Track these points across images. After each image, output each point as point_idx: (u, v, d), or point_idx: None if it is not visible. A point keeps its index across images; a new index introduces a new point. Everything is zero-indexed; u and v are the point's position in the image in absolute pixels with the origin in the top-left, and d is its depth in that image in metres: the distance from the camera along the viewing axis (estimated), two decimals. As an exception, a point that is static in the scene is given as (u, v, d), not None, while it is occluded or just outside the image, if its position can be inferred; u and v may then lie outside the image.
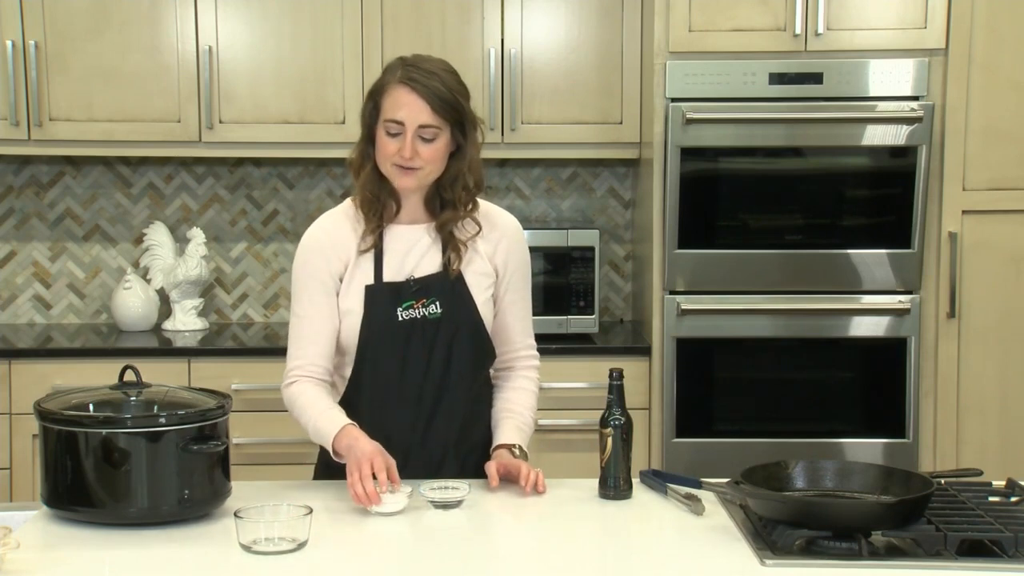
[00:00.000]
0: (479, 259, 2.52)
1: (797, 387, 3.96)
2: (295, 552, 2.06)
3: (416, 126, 2.39)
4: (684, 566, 2.07)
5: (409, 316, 2.46)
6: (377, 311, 2.45)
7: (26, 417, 3.70)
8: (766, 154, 3.89)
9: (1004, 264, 3.89)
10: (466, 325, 2.49)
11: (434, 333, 2.47)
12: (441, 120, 2.41)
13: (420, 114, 2.39)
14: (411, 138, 2.39)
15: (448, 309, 2.47)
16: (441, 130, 2.41)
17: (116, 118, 4.09)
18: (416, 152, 2.39)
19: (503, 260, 2.54)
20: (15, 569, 1.95)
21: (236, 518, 2.09)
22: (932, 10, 3.81)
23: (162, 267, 4.32)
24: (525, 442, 2.53)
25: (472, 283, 2.50)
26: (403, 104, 2.40)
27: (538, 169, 4.51)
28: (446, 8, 4.10)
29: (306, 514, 2.10)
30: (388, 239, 2.49)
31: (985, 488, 2.36)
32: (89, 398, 2.26)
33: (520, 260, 2.58)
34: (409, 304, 2.46)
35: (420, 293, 2.46)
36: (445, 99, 2.41)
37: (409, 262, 2.48)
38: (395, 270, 2.48)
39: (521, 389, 2.60)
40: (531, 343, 2.63)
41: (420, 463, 2.48)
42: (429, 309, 2.46)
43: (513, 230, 2.58)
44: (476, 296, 2.50)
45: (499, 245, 2.54)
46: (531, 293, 2.64)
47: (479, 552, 2.13)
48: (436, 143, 2.41)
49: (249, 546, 2.07)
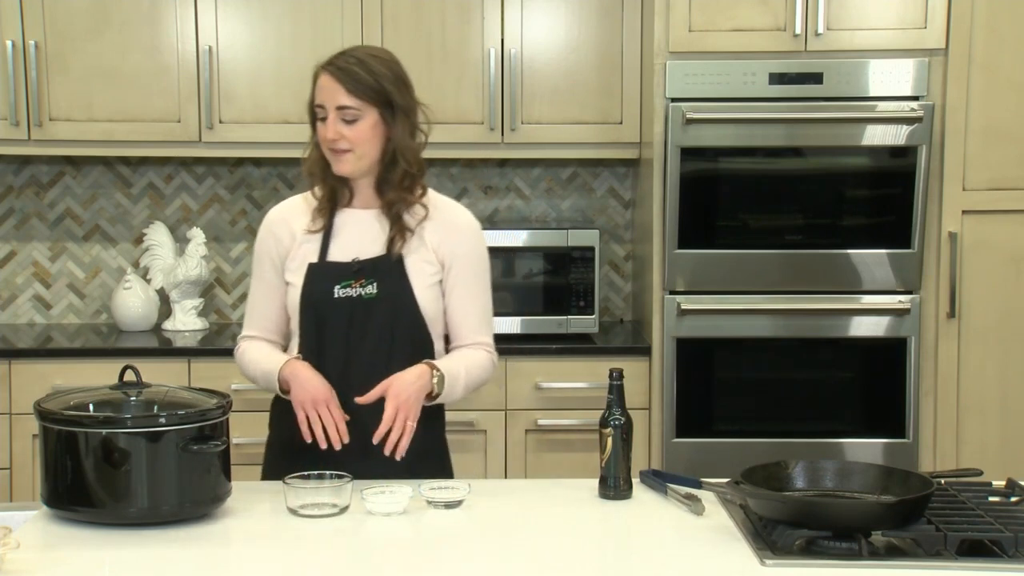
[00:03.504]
0: (424, 248, 2.55)
1: (797, 387, 3.96)
2: (338, 516, 2.25)
3: (334, 107, 2.48)
4: (684, 566, 2.07)
5: (345, 295, 2.51)
6: (315, 288, 2.53)
7: (26, 417, 3.70)
8: (766, 154, 3.89)
9: (1004, 264, 3.90)
10: (402, 307, 2.51)
11: (368, 312, 2.50)
12: (359, 102, 2.48)
13: (336, 95, 2.48)
14: (331, 119, 2.49)
15: (383, 290, 2.51)
16: (362, 112, 2.49)
17: (116, 118, 4.09)
18: (340, 134, 2.48)
19: (450, 252, 2.56)
20: (15, 569, 1.95)
21: (285, 484, 2.26)
22: (932, 10, 3.81)
23: (162, 267, 4.32)
24: (454, 377, 2.49)
25: (413, 268, 2.53)
26: (322, 88, 2.51)
27: (538, 169, 4.51)
28: (446, 8, 4.10)
29: (348, 481, 2.27)
30: (340, 222, 2.57)
31: (985, 488, 2.36)
32: (89, 398, 2.26)
33: (468, 255, 2.59)
34: (347, 283, 2.52)
35: (360, 273, 2.52)
36: (362, 81, 2.48)
37: (357, 244, 2.55)
38: (342, 251, 2.54)
39: (473, 352, 2.59)
40: (483, 340, 2.61)
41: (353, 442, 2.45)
42: (366, 289, 2.51)
43: (464, 225, 2.61)
44: (415, 281, 2.52)
45: (447, 238, 2.57)
46: (487, 291, 2.62)
47: (479, 552, 2.13)
48: (359, 124, 2.49)
49: (296, 510, 2.25)
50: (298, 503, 2.26)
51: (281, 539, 2.16)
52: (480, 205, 4.51)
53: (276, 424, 2.64)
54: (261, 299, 2.64)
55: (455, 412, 3.83)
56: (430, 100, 4.04)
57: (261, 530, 2.21)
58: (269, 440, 2.68)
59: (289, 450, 2.53)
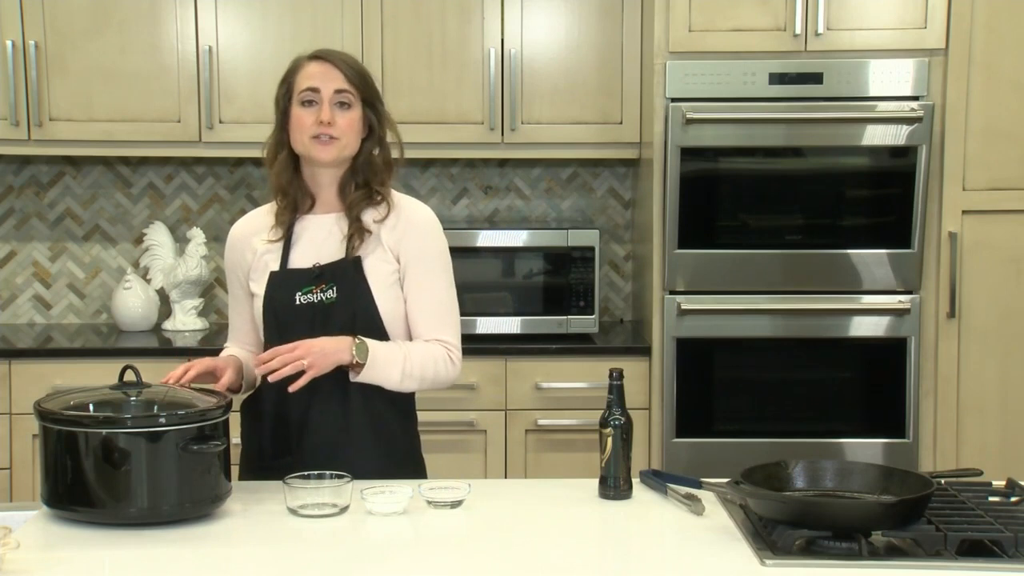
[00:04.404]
0: (382, 248, 2.53)
1: (797, 387, 3.96)
2: (338, 516, 2.24)
3: (332, 91, 2.49)
4: (684, 566, 2.07)
5: (307, 300, 2.50)
6: (277, 296, 2.52)
7: (26, 417, 3.70)
8: (766, 154, 3.89)
9: (1004, 264, 3.90)
10: (361, 309, 2.49)
11: (328, 317, 2.48)
12: (354, 90, 2.50)
13: (334, 80, 2.50)
14: (328, 102, 2.49)
15: (343, 293, 2.49)
16: (355, 100, 2.50)
17: (116, 118, 4.09)
18: (333, 118, 2.48)
19: (404, 249, 2.54)
20: (15, 569, 1.95)
21: (285, 484, 2.26)
22: (932, 10, 3.81)
23: (162, 267, 4.32)
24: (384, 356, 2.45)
25: (371, 269, 2.51)
26: (316, 73, 2.51)
27: (538, 169, 4.51)
28: (446, 8, 4.10)
29: (348, 481, 2.27)
30: (300, 228, 2.56)
31: (985, 488, 2.35)
32: (89, 398, 2.26)
33: (422, 251, 2.55)
34: (309, 289, 2.51)
35: (321, 279, 2.50)
36: (357, 71, 2.53)
37: (318, 250, 2.53)
38: (303, 258, 2.53)
39: (425, 344, 2.53)
40: (442, 338, 2.54)
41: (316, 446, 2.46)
42: (327, 294, 2.50)
43: (420, 221, 2.58)
44: (373, 282, 2.50)
45: (403, 236, 2.54)
46: (448, 288, 2.57)
47: (479, 552, 2.13)
48: (352, 112, 2.51)
49: (296, 510, 2.25)
50: (298, 503, 2.26)
51: (281, 539, 2.16)
52: (480, 205, 4.51)
53: (244, 435, 2.61)
54: (233, 311, 2.68)
55: (455, 412, 3.86)
56: (430, 100, 4.11)
57: (261, 530, 2.21)
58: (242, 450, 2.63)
59: (257, 464, 2.54)
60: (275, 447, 2.51)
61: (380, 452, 2.52)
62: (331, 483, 2.29)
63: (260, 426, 2.53)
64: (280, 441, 2.51)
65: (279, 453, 2.50)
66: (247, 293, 2.60)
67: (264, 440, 2.53)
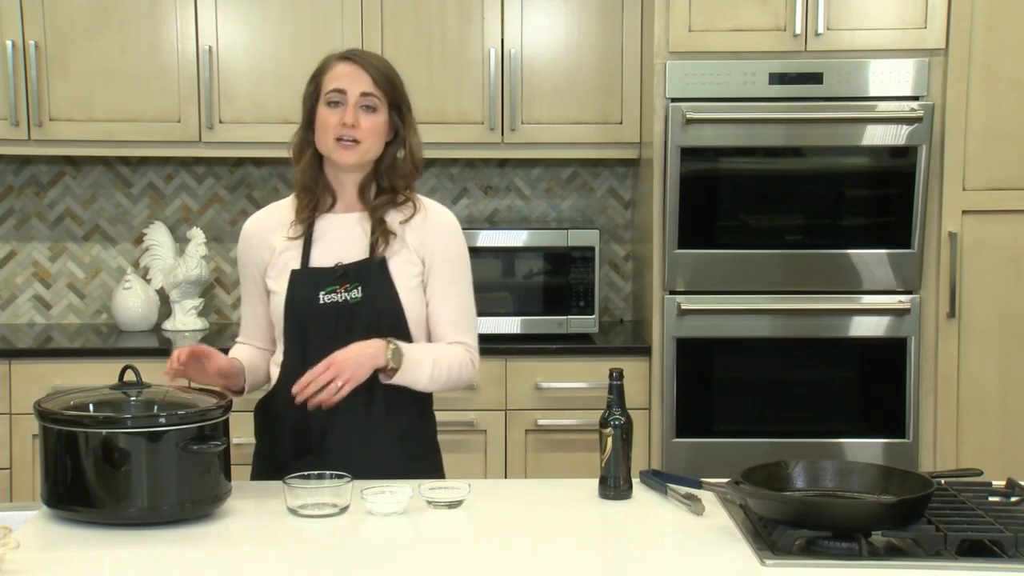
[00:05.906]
0: (407, 250, 2.53)
1: (797, 387, 3.96)
2: (338, 516, 2.24)
3: (358, 93, 2.48)
4: (684, 566, 2.07)
5: (331, 300, 2.49)
6: (299, 295, 2.50)
7: (26, 417, 3.70)
8: (766, 154, 3.90)
9: (1004, 264, 3.90)
10: (387, 310, 2.49)
11: (353, 317, 2.47)
12: (381, 93, 2.49)
13: (361, 82, 2.49)
14: (353, 105, 2.48)
15: (369, 294, 2.48)
16: (381, 104, 2.49)
17: (116, 118, 4.09)
18: (357, 121, 2.46)
19: (429, 251, 2.54)
20: (15, 569, 1.95)
21: (285, 484, 2.26)
22: (932, 10, 3.81)
23: (162, 267, 4.32)
24: (416, 358, 2.45)
25: (396, 270, 2.50)
26: (344, 75, 2.50)
27: (538, 169, 4.51)
28: (446, 8, 4.10)
29: (348, 481, 2.27)
30: (321, 227, 2.54)
31: (985, 488, 2.35)
32: (89, 398, 2.26)
33: (447, 254, 2.56)
34: (332, 289, 2.49)
35: (345, 278, 2.49)
36: (385, 74, 2.51)
37: (339, 249, 2.52)
38: (325, 256, 2.51)
39: (448, 346, 2.54)
40: (463, 340, 2.56)
41: (339, 446, 2.47)
42: (351, 294, 2.49)
43: (443, 223, 2.58)
44: (399, 283, 2.50)
45: (427, 237, 2.54)
46: (468, 292, 2.59)
47: (479, 552, 2.13)
48: (376, 116, 2.49)
49: (296, 510, 2.24)
50: (298, 503, 2.26)
51: (281, 539, 2.16)
52: (480, 205, 4.51)
53: (260, 434, 2.63)
54: (246, 307, 2.65)
55: (455, 412, 3.86)
56: (430, 100, 4.11)
57: (261, 530, 2.21)
58: (256, 449, 2.66)
59: (272, 464, 2.53)
60: (295, 446, 2.50)
61: (402, 452, 2.52)
62: (331, 483, 2.28)
63: (278, 426, 2.52)
64: (301, 440, 2.50)
65: (300, 453, 2.48)
66: (262, 290, 2.58)
67: (283, 440, 2.52)
